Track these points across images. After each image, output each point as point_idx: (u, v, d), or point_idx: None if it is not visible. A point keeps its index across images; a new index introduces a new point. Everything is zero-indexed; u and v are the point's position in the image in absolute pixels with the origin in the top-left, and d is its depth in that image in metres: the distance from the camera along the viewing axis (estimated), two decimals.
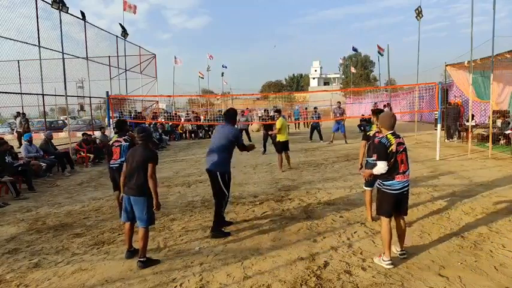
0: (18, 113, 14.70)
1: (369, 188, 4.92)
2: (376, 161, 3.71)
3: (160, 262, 3.96)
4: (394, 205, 3.67)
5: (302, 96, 50.39)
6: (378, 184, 3.76)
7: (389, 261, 3.63)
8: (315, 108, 19.05)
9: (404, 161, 3.63)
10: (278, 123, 9.08)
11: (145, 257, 3.90)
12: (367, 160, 4.99)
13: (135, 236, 4.17)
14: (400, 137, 3.67)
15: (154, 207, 3.94)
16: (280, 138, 8.98)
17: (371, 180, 4.71)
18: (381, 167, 3.60)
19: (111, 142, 5.60)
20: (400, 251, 3.84)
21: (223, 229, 4.76)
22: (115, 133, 5.79)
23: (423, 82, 14.08)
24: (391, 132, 3.67)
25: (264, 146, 12.42)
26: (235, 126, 5.12)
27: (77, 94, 16.13)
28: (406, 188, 3.68)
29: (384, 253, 3.70)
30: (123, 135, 5.49)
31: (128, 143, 5.39)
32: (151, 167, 3.90)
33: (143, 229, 3.89)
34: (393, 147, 3.57)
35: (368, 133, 4.95)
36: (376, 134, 4.71)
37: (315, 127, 15.76)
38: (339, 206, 5.79)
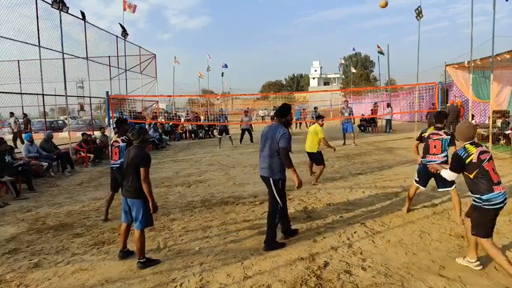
0: (11, 113, 14.61)
1: (416, 185, 5.11)
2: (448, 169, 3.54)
3: (161, 262, 3.96)
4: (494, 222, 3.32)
5: (302, 96, 50.42)
6: (474, 201, 3.38)
7: (478, 262, 3.48)
8: (315, 108, 19.02)
9: (495, 170, 3.35)
10: None
11: (145, 258, 3.89)
12: (421, 160, 5.02)
13: (130, 237, 4.18)
14: (482, 146, 3.40)
15: (151, 210, 3.88)
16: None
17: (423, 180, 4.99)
18: (450, 175, 3.51)
19: (111, 142, 5.63)
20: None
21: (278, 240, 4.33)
22: (115, 133, 5.81)
23: (423, 82, 14.10)
24: (469, 142, 3.39)
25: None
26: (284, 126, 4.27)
27: (77, 94, 16.10)
28: (506, 201, 3.30)
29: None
30: (122, 135, 5.49)
31: (125, 143, 5.40)
32: (144, 171, 3.79)
33: (139, 231, 3.87)
34: (473, 157, 3.26)
35: (423, 134, 5.03)
36: (431, 136, 4.89)
37: None
38: (339, 206, 5.79)
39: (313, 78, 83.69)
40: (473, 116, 12.18)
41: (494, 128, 11.31)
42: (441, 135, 4.85)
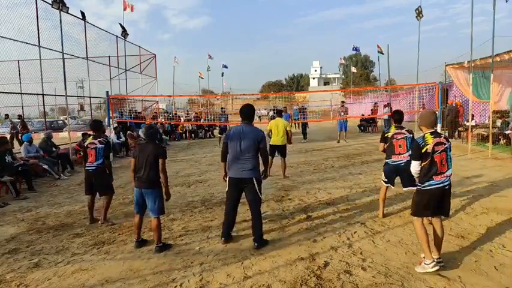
0: (6, 115, 14.57)
1: (386, 185, 5.08)
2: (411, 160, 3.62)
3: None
4: (432, 204, 3.52)
5: (302, 96, 50.43)
6: (417, 186, 3.61)
7: (433, 263, 3.42)
8: (304, 108, 20.73)
9: (444, 161, 3.48)
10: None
11: (161, 243, 4.29)
12: (386, 161, 5.04)
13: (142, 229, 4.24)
14: (441, 136, 3.54)
15: (166, 198, 4.34)
16: (271, 141, 8.19)
17: (391, 179, 5.01)
18: (414, 166, 3.54)
19: (85, 144, 5.40)
20: (437, 258, 3.52)
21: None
22: (92, 134, 5.54)
23: (423, 82, 14.09)
24: (430, 131, 3.54)
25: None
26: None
27: (77, 94, 16.10)
28: (446, 183, 3.51)
29: (423, 257, 3.52)
30: (99, 136, 5.37)
31: (103, 145, 5.28)
32: (162, 162, 4.25)
33: (156, 219, 4.24)
34: (429, 147, 3.45)
35: (386, 134, 4.99)
36: (395, 136, 4.87)
37: (304, 127, 17.15)
38: (338, 206, 5.79)
39: (313, 78, 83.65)
40: (473, 116, 12.18)
41: (494, 128, 11.31)
42: (405, 134, 4.88)
